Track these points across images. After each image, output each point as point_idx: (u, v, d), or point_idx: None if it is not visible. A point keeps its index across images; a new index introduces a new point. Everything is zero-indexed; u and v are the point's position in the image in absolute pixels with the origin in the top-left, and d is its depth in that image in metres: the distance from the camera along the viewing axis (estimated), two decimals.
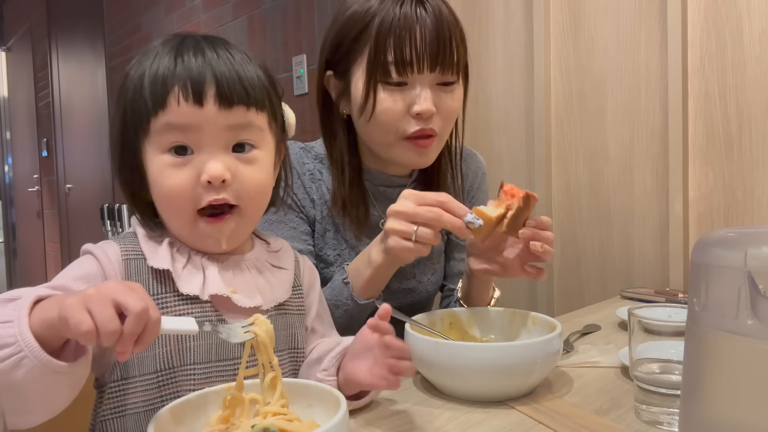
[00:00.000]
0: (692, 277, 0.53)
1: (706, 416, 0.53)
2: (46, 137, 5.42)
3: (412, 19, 0.91)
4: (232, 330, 0.62)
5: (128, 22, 3.89)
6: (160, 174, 0.68)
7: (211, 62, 0.68)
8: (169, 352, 0.68)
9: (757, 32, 1.27)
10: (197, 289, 0.69)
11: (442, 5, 0.94)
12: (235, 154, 0.69)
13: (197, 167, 0.67)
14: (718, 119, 1.34)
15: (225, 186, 0.68)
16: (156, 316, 0.52)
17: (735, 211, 1.33)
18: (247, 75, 0.69)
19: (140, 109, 0.67)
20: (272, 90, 0.74)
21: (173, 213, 0.70)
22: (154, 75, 0.67)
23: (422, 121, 0.94)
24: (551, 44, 1.64)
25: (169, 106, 0.66)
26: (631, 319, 0.70)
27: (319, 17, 2.32)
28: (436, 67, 0.93)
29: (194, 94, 0.66)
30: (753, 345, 0.48)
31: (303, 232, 1.04)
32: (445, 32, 0.92)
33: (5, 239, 6.52)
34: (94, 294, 0.51)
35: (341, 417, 0.54)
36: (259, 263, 0.77)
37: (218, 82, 0.67)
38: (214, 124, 0.67)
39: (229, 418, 0.61)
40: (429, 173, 1.10)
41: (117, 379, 0.67)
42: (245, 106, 0.69)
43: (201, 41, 0.70)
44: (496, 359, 0.73)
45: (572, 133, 1.62)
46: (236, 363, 0.71)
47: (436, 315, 0.90)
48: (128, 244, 0.71)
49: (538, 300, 1.70)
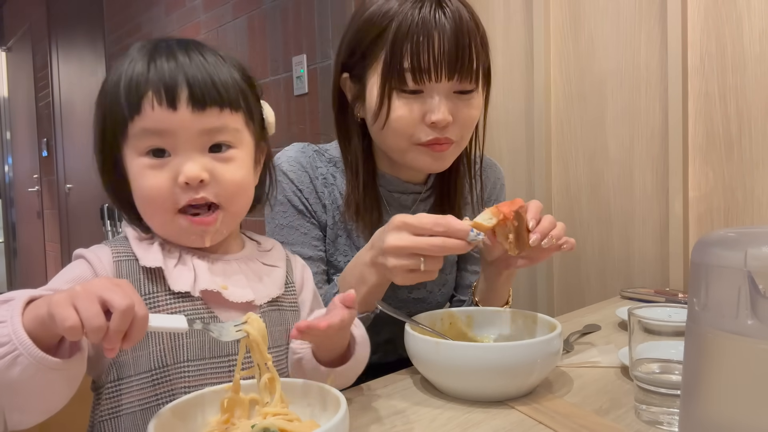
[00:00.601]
0: (692, 277, 0.53)
1: (706, 416, 0.53)
2: (46, 137, 5.42)
3: (431, 25, 0.88)
4: (224, 328, 0.62)
5: (128, 22, 3.88)
6: (138, 176, 0.69)
7: (183, 66, 0.69)
8: (163, 350, 0.68)
9: (757, 32, 1.27)
10: (188, 286, 0.69)
11: (462, 9, 0.91)
12: (212, 155, 0.70)
13: (174, 169, 0.68)
14: (718, 119, 1.34)
15: (204, 186, 0.69)
16: (142, 312, 0.53)
17: (735, 211, 1.33)
18: (220, 77, 0.70)
19: (118, 114, 0.69)
20: (248, 89, 0.74)
21: (153, 213, 0.71)
22: (129, 80, 0.68)
23: (437, 131, 0.92)
24: (551, 44, 1.64)
25: (144, 111, 0.67)
26: (631, 319, 0.70)
27: (319, 17, 2.32)
28: (454, 75, 0.90)
29: (167, 98, 0.67)
30: (753, 345, 0.48)
31: (313, 238, 1.03)
32: (464, 39, 0.89)
33: (5, 239, 6.51)
34: (81, 291, 0.52)
35: (341, 417, 0.54)
36: (251, 261, 0.77)
37: (190, 85, 0.68)
38: (189, 128, 0.68)
39: (228, 420, 0.61)
40: (446, 181, 1.07)
41: (113, 379, 0.67)
42: (219, 108, 0.69)
43: (174, 45, 0.71)
44: (496, 359, 0.73)
45: (572, 134, 1.62)
46: (231, 360, 0.71)
47: (436, 315, 0.90)
48: (119, 247, 0.72)
49: (538, 300, 1.70)
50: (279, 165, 1.03)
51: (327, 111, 2.30)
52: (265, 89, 2.92)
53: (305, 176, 1.03)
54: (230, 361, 0.71)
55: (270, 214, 1.04)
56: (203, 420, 0.62)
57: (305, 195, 1.02)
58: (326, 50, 2.30)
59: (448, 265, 1.11)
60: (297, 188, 1.02)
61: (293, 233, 1.02)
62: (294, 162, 1.04)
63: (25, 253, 6.25)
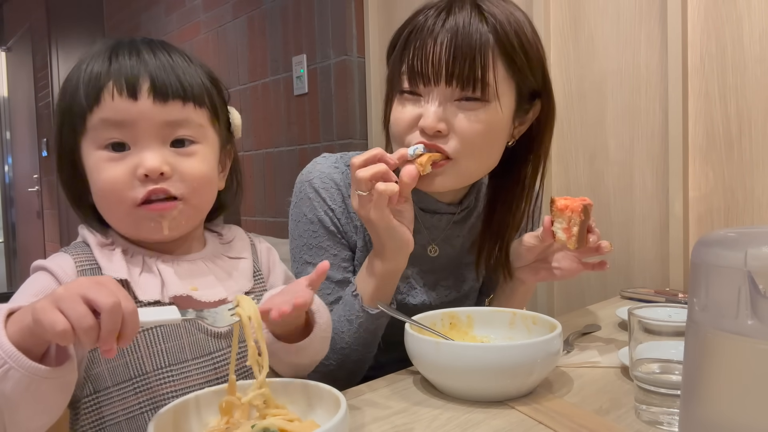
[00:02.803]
0: (692, 277, 0.53)
1: (706, 416, 0.53)
2: (46, 137, 5.41)
3: (434, 30, 0.86)
4: (218, 314, 0.61)
5: (128, 22, 3.88)
6: (96, 169, 0.67)
7: (146, 60, 0.68)
8: (140, 358, 0.67)
9: (757, 32, 1.27)
10: (156, 294, 0.68)
11: (474, 17, 0.86)
12: (174, 149, 0.69)
13: (133, 162, 0.67)
14: (718, 119, 1.34)
15: (164, 179, 0.67)
16: (130, 307, 0.51)
17: (735, 211, 1.33)
18: (184, 72, 0.69)
19: (76, 107, 0.67)
20: (214, 90, 0.74)
21: (111, 206, 0.69)
22: (89, 74, 0.67)
23: (426, 138, 0.88)
24: (551, 44, 1.64)
25: (104, 101, 0.66)
26: (631, 319, 0.70)
27: (319, 17, 2.32)
28: (452, 80, 0.85)
29: (128, 87, 0.66)
30: (753, 345, 0.48)
31: (342, 259, 0.99)
32: (465, 46, 0.84)
33: (5, 239, 6.51)
34: (64, 292, 0.50)
35: (341, 417, 0.54)
36: (216, 258, 0.76)
37: (152, 76, 0.67)
38: (150, 119, 0.67)
39: (228, 421, 0.61)
40: (493, 203, 1.01)
41: (89, 393, 0.66)
42: (181, 101, 0.68)
43: (138, 43, 0.70)
44: (496, 359, 0.73)
45: (572, 134, 1.62)
46: (214, 357, 0.70)
47: (436, 315, 0.90)
48: (81, 255, 0.70)
49: (538, 300, 1.70)
50: (310, 180, 0.99)
51: (327, 111, 2.31)
52: (265, 89, 2.93)
53: (338, 194, 0.99)
54: (213, 359, 0.70)
55: (296, 230, 1.00)
56: (202, 422, 0.61)
57: (337, 215, 0.98)
58: (326, 50, 2.30)
59: (472, 293, 1.08)
60: (329, 207, 0.98)
61: (322, 254, 0.98)
62: (327, 179, 0.99)
63: (25, 253, 6.24)
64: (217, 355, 0.71)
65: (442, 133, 0.87)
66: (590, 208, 0.83)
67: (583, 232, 0.83)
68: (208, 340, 0.70)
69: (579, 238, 0.83)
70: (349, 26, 2.20)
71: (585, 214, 0.82)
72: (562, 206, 0.83)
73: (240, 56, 2.77)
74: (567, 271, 0.93)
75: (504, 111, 0.89)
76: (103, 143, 0.67)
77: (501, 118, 0.89)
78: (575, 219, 0.82)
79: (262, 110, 2.65)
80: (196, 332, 0.71)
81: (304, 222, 0.99)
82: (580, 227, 0.82)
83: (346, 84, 2.23)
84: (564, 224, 0.84)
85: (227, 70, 2.83)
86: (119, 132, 0.66)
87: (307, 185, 1.00)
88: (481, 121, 0.87)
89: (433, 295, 1.03)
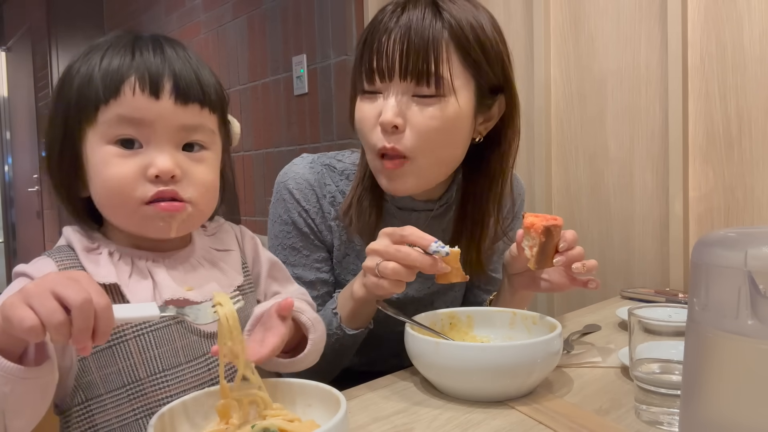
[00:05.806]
0: (692, 277, 0.53)
1: (706, 416, 0.53)
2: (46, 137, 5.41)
3: (388, 27, 0.87)
4: (200, 311, 0.60)
5: (128, 22, 3.88)
6: (102, 164, 0.65)
7: (170, 59, 0.67)
8: (134, 365, 0.65)
9: (757, 32, 1.27)
10: (149, 298, 0.66)
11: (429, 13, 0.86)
12: (185, 153, 0.68)
13: (144, 161, 0.65)
14: (718, 119, 1.34)
15: (174, 181, 0.66)
16: (103, 302, 0.50)
17: (735, 211, 1.33)
18: (203, 75, 0.69)
19: (88, 98, 0.65)
20: (223, 96, 0.73)
21: (116, 204, 0.67)
22: (108, 67, 0.65)
23: (386, 135, 0.87)
24: (551, 44, 1.64)
25: (123, 95, 0.64)
26: (631, 319, 0.70)
27: (319, 17, 2.32)
28: (406, 75, 0.85)
29: (151, 85, 0.64)
30: (753, 345, 0.48)
31: (316, 260, 1.00)
32: (418, 40, 0.84)
33: (5, 239, 6.51)
34: (33, 288, 0.49)
35: (341, 417, 0.54)
36: (205, 251, 0.75)
37: (176, 77, 0.66)
38: (168, 120, 0.65)
39: (228, 422, 0.61)
40: (465, 198, 1.01)
41: (81, 401, 0.65)
42: (200, 105, 0.68)
43: (159, 39, 0.69)
44: (496, 359, 0.73)
45: (572, 134, 1.62)
46: (207, 359, 0.69)
47: (436, 315, 0.90)
48: (65, 259, 0.67)
49: (538, 300, 1.70)
50: (285, 182, 1.01)
51: (327, 111, 2.31)
52: (265, 89, 2.93)
53: (312, 195, 1.00)
54: (207, 360, 0.69)
55: (272, 231, 1.02)
56: (202, 421, 0.61)
57: (311, 216, 0.99)
58: (326, 50, 2.29)
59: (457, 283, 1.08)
60: (303, 209, 0.99)
61: (295, 255, 1.00)
62: (301, 179, 1.00)
63: (25, 253, 6.24)
64: (210, 356, 0.70)
65: (399, 128, 0.87)
66: (556, 230, 0.81)
67: (545, 252, 0.82)
68: (201, 342, 0.69)
69: (538, 258, 0.82)
70: (349, 26, 2.20)
71: (547, 235, 0.80)
72: (528, 224, 0.82)
73: (240, 56, 2.77)
74: (555, 285, 0.92)
75: (463, 106, 0.88)
76: (113, 138, 0.65)
77: (459, 113, 0.88)
78: (536, 239, 0.81)
79: (262, 110, 2.65)
80: (188, 335, 0.69)
81: (279, 223, 1.01)
82: (540, 247, 0.81)
83: (346, 84, 2.22)
84: (529, 242, 0.83)
85: (227, 70, 2.83)
86: (134, 130, 0.65)
87: (282, 186, 1.01)
88: (437, 116, 0.86)
89: (415, 287, 1.03)
